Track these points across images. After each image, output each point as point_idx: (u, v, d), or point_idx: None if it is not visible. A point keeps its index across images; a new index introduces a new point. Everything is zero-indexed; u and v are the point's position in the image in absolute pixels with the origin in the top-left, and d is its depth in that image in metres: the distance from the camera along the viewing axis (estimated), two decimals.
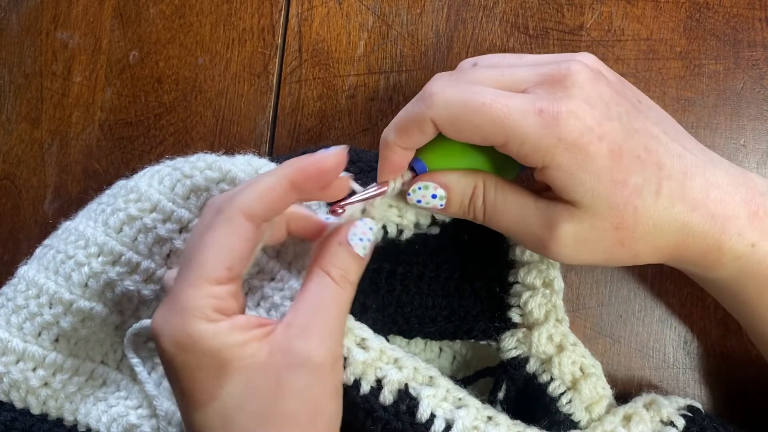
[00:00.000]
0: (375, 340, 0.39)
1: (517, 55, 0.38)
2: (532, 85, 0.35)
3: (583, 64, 0.35)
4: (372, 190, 0.38)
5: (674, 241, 0.36)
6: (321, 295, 0.35)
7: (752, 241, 0.36)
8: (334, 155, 0.34)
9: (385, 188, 0.38)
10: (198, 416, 0.33)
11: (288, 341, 0.33)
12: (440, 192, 0.38)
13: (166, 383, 0.44)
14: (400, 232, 0.42)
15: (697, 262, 0.37)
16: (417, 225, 0.42)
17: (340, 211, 0.37)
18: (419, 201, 0.38)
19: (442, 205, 0.38)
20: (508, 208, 0.37)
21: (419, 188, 0.38)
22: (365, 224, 0.37)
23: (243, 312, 0.35)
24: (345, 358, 0.37)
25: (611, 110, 0.35)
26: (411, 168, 0.38)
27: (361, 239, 0.36)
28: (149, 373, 0.44)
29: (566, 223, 0.35)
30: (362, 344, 0.38)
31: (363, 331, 0.39)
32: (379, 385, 0.37)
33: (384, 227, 0.42)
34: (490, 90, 0.35)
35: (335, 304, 0.35)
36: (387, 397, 0.37)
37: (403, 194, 0.39)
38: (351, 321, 0.39)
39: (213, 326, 0.32)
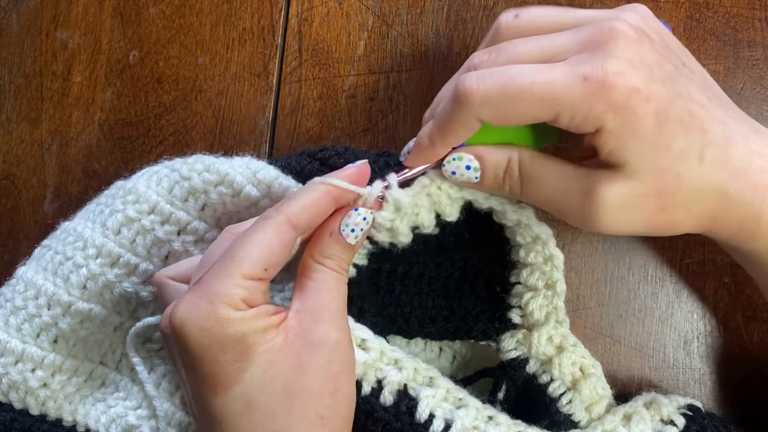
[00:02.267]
0: (375, 341, 0.39)
1: (559, 10, 0.37)
2: (573, 52, 0.34)
3: (626, 24, 0.34)
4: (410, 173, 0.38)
5: (713, 209, 0.36)
6: (322, 281, 0.35)
7: None
8: (363, 166, 0.37)
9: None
10: (219, 400, 0.33)
11: (302, 325, 0.34)
12: (474, 164, 0.37)
13: (165, 384, 0.44)
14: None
15: (735, 232, 0.37)
16: (416, 228, 0.42)
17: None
18: (454, 173, 0.38)
19: (477, 178, 0.38)
20: (547, 178, 0.37)
21: (453, 159, 0.38)
22: (359, 214, 0.37)
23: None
24: None
25: (654, 74, 0.34)
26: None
27: (353, 230, 0.36)
28: (148, 373, 0.44)
29: (607, 188, 0.35)
30: (362, 345, 0.38)
31: (363, 332, 0.39)
32: (379, 385, 0.38)
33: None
34: (527, 68, 0.34)
35: (336, 287, 0.36)
36: (387, 398, 0.37)
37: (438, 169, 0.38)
38: (351, 322, 0.39)
39: (239, 313, 0.33)
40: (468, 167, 0.37)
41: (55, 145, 0.54)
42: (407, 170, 0.39)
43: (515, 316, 0.42)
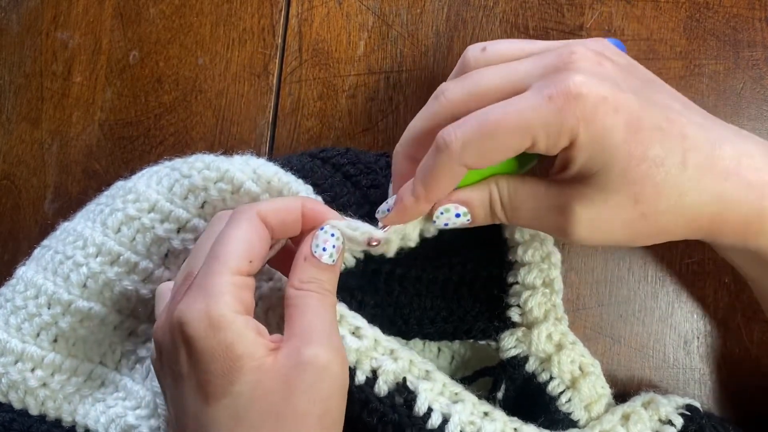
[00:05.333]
0: (369, 329, 0.39)
1: (524, 42, 0.38)
2: (536, 78, 0.35)
3: (585, 47, 0.35)
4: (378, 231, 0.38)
5: (710, 213, 0.35)
6: (305, 305, 0.35)
7: None
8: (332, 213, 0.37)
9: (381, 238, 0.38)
10: (211, 410, 0.33)
11: (292, 348, 0.34)
12: (462, 209, 0.38)
13: None
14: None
15: (739, 233, 0.36)
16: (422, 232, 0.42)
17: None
18: (446, 224, 0.38)
19: (469, 220, 0.38)
20: (524, 203, 0.37)
21: (441, 213, 0.38)
22: (326, 233, 0.36)
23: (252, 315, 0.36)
24: None
25: (621, 85, 0.34)
26: None
27: (324, 249, 0.36)
28: (147, 374, 0.44)
29: (577, 203, 0.35)
30: (356, 333, 0.38)
31: (357, 320, 0.39)
32: (374, 375, 0.37)
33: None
34: (495, 106, 0.34)
35: (322, 307, 0.36)
36: (382, 387, 0.37)
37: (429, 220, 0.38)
38: (344, 309, 0.39)
39: (233, 315, 0.33)
40: (458, 215, 0.38)
41: (55, 145, 0.54)
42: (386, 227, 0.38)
43: (514, 315, 0.42)
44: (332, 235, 0.36)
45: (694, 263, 0.46)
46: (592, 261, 0.47)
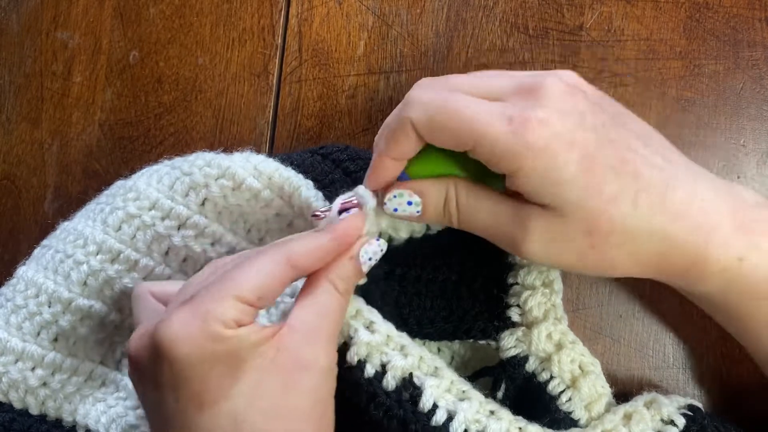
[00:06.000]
0: (383, 325, 0.39)
1: (505, 72, 0.39)
2: (507, 95, 0.35)
3: (559, 78, 0.35)
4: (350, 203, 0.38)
5: (656, 253, 0.36)
6: (326, 304, 0.36)
7: (739, 254, 0.35)
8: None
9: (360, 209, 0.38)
10: (205, 418, 0.33)
11: (294, 344, 0.34)
12: (415, 199, 0.38)
13: None
14: (391, 240, 0.42)
15: (683, 275, 0.37)
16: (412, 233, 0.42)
17: (322, 216, 0.38)
18: (396, 209, 0.38)
19: (418, 212, 0.38)
20: (481, 208, 0.37)
21: (394, 196, 0.38)
22: (379, 246, 0.38)
23: None
24: (351, 338, 0.38)
25: (587, 120, 0.35)
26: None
27: (370, 258, 0.38)
28: None
29: (537, 219, 0.35)
30: (370, 327, 0.39)
31: (372, 314, 0.39)
32: (383, 369, 0.38)
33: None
34: (464, 96, 0.35)
35: (338, 312, 0.36)
36: (390, 382, 0.37)
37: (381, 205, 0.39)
38: (361, 303, 0.40)
39: (231, 331, 0.33)
40: (410, 203, 0.38)
41: (55, 145, 0.54)
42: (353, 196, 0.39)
43: (514, 314, 0.42)
44: (381, 250, 0.38)
45: None
46: None
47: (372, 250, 0.37)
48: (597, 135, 0.34)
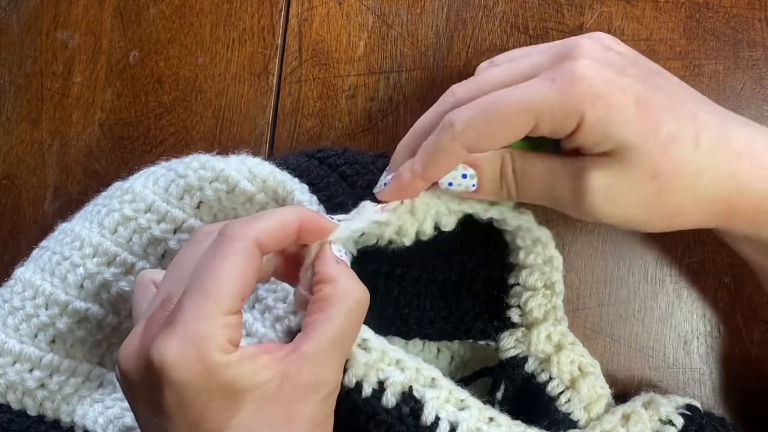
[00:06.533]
0: (376, 341, 0.38)
1: (532, 46, 0.38)
2: (542, 69, 0.35)
3: (592, 39, 0.35)
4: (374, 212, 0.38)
5: (724, 196, 0.35)
6: (342, 327, 0.33)
7: None
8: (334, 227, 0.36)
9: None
10: None
11: (303, 374, 0.32)
12: (470, 171, 0.37)
13: None
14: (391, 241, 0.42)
15: (752, 220, 0.35)
16: (418, 233, 0.42)
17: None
18: (450, 184, 0.37)
19: (474, 185, 0.37)
20: (538, 173, 0.36)
21: None
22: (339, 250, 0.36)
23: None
24: (346, 360, 0.37)
25: (627, 71, 0.34)
26: None
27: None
28: None
29: (596, 170, 0.34)
30: (363, 345, 0.38)
31: (364, 332, 0.39)
32: (381, 387, 0.37)
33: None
34: (502, 92, 0.34)
35: (355, 331, 0.35)
36: (390, 399, 0.37)
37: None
38: None
39: (226, 357, 0.31)
40: (464, 176, 0.37)
41: (55, 145, 0.54)
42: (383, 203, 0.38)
43: (514, 315, 0.42)
44: (346, 253, 0.36)
45: (694, 263, 0.46)
46: (592, 261, 0.47)
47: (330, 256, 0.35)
48: (642, 82, 0.34)
